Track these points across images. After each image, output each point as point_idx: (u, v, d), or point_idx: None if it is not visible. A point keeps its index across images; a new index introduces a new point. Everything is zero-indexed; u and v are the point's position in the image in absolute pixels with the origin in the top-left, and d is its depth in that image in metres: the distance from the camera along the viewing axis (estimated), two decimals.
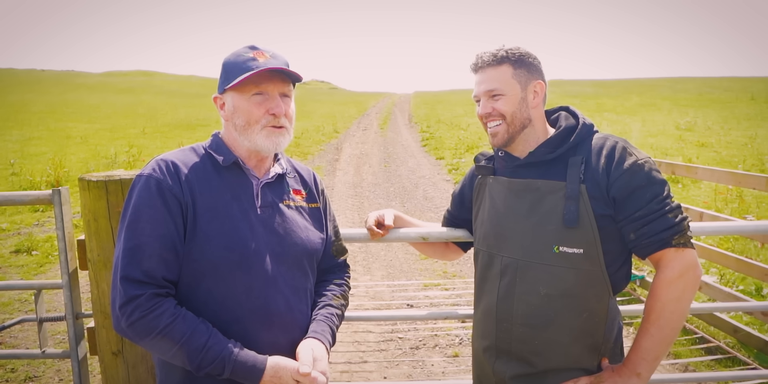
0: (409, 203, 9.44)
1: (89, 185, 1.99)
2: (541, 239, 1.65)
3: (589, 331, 1.65)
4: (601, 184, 1.60)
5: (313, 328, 1.62)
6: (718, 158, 12.86)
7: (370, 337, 4.29)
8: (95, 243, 2.01)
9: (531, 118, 1.73)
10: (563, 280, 1.63)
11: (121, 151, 14.52)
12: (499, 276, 1.74)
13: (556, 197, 1.64)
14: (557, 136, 1.71)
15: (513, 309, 1.70)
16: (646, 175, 1.59)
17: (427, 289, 5.32)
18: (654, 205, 1.58)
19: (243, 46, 1.63)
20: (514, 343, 1.70)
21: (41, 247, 6.76)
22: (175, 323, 1.41)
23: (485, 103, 1.74)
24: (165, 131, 20.13)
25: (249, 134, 1.59)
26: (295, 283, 1.62)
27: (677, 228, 1.58)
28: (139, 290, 1.41)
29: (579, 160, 1.64)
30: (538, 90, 1.73)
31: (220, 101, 1.64)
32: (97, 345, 2.10)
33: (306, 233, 1.67)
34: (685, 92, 35.57)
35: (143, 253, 1.43)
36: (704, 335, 4.12)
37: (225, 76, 1.60)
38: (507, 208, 1.74)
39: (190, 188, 1.51)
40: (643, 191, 1.58)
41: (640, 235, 1.59)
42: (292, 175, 1.75)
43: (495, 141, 1.76)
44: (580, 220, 1.60)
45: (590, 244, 1.61)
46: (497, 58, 1.71)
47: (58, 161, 11.71)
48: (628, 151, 1.63)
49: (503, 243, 1.74)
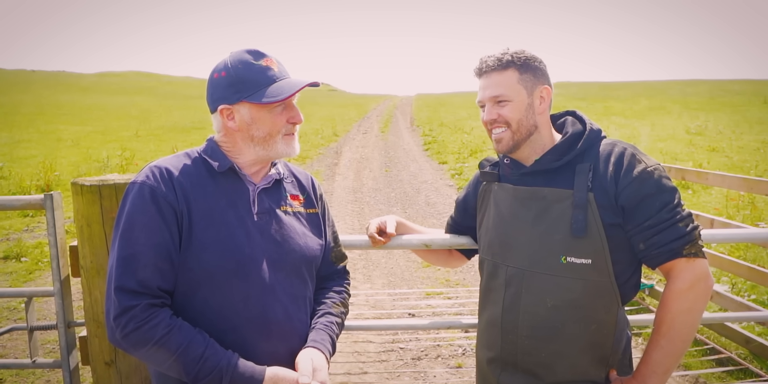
0: (411, 209, 9.45)
1: (82, 190, 2.00)
2: (548, 249, 1.65)
3: (598, 342, 1.65)
4: (610, 192, 1.60)
5: (313, 338, 1.62)
6: (729, 163, 12.86)
7: (370, 347, 4.29)
8: (88, 249, 2.02)
9: (537, 125, 1.73)
10: (570, 291, 1.63)
11: (113, 154, 14.52)
12: (504, 286, 1.74)
13: (563, 206, 1.64)
14: (563, 143, 1.71)
15: (519, 320, 1.70)
16: (656, 183, 1.59)
17: (429, 297, 5.32)
18: (664, 214, 1.58)
19: (243, 51, 1.60)
20: (520, 355, 1.71)
21: (31, 253, 6.76)
22: (171, 334, 1.41)
23: (490, 109, 1.73)
24: (159, 134, 20.16)
25: (270, 144, 1.60)
26: (294, 291, 1.63)
27: (688, 237, 1.58)
28: (134, 301, 1.41)
29: (587, 168, 1.64)
30: (544, 95, 1.73)
31: (227, 112, 1.59)
32: (90, 354, 2.11)
33: (304, 240, 1.67)
34: (696, 95, 35.63)
35: (138, 263, 1.44)
36: (715, 346, 4.11)
37: (239, 87, 1.56)
38: (512, 217, 1.75)
39: (185, 195, 1.52)
40: (653, 199, 1.58)
41: (650, 244, 1.59)
42: (290, 180, 1.75)
43: (499, 147, 1.75)
44: (588, 230, 1.60)
45: (599, 254, 1.61)
46: (502, 63, 1.70)
47: (48, 165, 11.70)
48: (637, 157, 1.63)
49: (508, 252, 1.74)
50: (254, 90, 1.55)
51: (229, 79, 1.57)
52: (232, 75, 1.57)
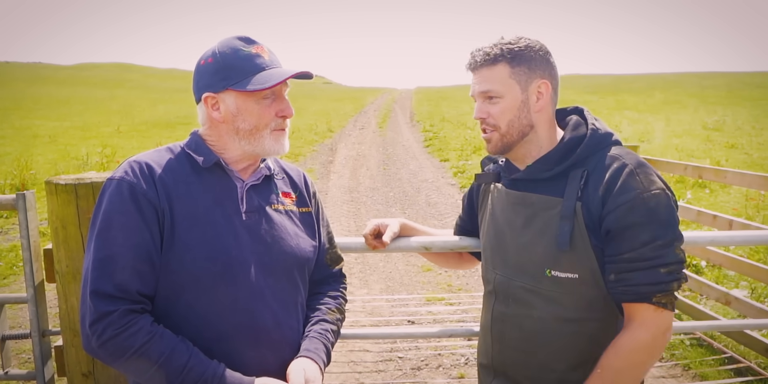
0: (411, 209, 9.45)
1: (57, 189, 1.99)
2: (533, 260, 1.61)
3: (592, 357, 1.58)
4: (594, 213, 1.52)
5: (306, 346, 1.61)
6: (749, 161, 12.89)
7: (367, 356, 4.29)
8: (64, 253, 2.01)
9: (533, 124, 1.64)
10: (558, 305, 1.59)
11: (93, 151, 14.51)
12: (493, 294, 1.74)
13: (550, 215, 1.58)
14: (556, 151, 1.62)
15: (506, 330, 1.69)
16: (649, 212, 1.48)
17: (430, 304, 5.32)
18: (647, 252, 1.48)
19: (234, 37, 1.60)
20: (509, 366, 1.71)
21: (5, 257, 6.75)
22: (151, 342, 1.40)
23: (480, 105, 1.66)
24: (142, 130, 20.15)
25: (256, 139, 1.58)
26: (285, 296, 1.62)
27: (664, 286, 1.48)
28: (111, 306, 1.40)
29: (579, 175, 1.56)
30: (542, 90, 1.63)
31: (212, 101, 1.58)
32: (66, 365, 2.10)
33: (296, 241, 1.66)
34: (714, 88, 35.71)
35: (115, 265, 1.43)
36: (733, 355, 4.11)
37: (225, 73, 1.54)
38: (504, 221, 1.72)
39: (167, 192, 1.50)
40: (640, 230, 1.48)
41: (620, 279, 1.51)
42: (281, 177, 1.74)
43: (489, 148, 1.70)
44: (573, 244, 1.53)
45: (585, 269, 1.55)
46: (491, 57, 1.62)
47: (23, 162, 11.69)
48: (636, 178, 1.51)
49: (498, 259, 1.73)
50: (241, 77, 1.54)
51: (216, 65, 1.56)
52: (219, 61, 1.56)
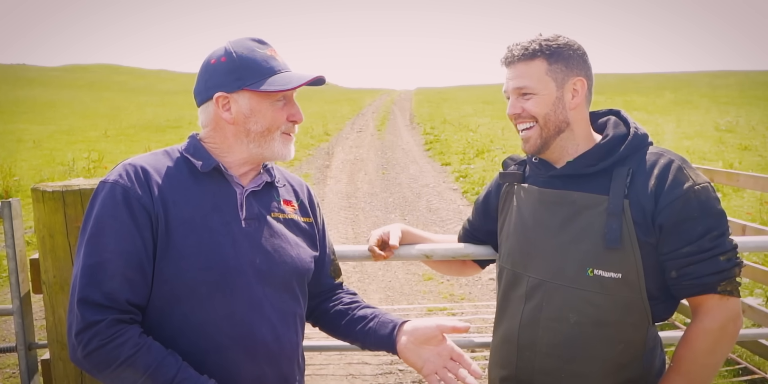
0: (411, 216, 9.45)
1: (44, 196, 1.99)
2: (573, 260, 1.64)
3: (624, 364, 1.64)
4: (647, 208, 1.58)
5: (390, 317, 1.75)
6: (763, 163, 12.90)
7: (366, 369, 4.28)
8: (51, 263, 2.01)
9: (569, 121, 1.70)
10: (596, 307, 1.62)
11: (79, 156, 14.49)
12: (524, 299, 1.74)
13: (595, 213, 1.62)
14: (601, 146, 1.68)
15: (537, 336, 1.70)
16: (703, 205, 1.57)
17: (432, 314, 5.31)
18: (706, 243, 1.56)
19: (247, 38, 1.63)
20: (537, 374, 1.71)
21: None
22: (138, 354, 1.40)
23: (514, 101, 1.72)
24: (130, 134, 20.13)
25: (266, 141, 1.60)
26: (284, 307, 1.62)
27: (727, 274, 1.56)
28: (98, 315, 1.40)
29: (625, 172, 1.62)
30: (578, 88, 1.70)
31: (224, 100, 1.59)
32: (53, 380, 2.10)
33: (297, 250, 1.66)
34: (726, 88, 35.75)
35: (105, 272, 1.43)
36: (748, 365, 4.11)
37: (241, 73, 1.56)
38: (535, 222, 1.74)
39: (162, 198, 1.51)
40: (696, 223, 1.56)
41: (682, 274, 1.58)
42: (282, 184, 1.75)
43: (527, 147, 1.74)
44: (623, 241, 1.58)
45: (630, 268, 1.59)
46: (528, 52, 1.68)
47: (7, 169, 11.68)
48: (684, 172, 1.60)
49: (530, 261, 1.74)
50: (257, 78, 1.56)
51: (231, 64, 1.58)
52: (234, 60, 1.58)
